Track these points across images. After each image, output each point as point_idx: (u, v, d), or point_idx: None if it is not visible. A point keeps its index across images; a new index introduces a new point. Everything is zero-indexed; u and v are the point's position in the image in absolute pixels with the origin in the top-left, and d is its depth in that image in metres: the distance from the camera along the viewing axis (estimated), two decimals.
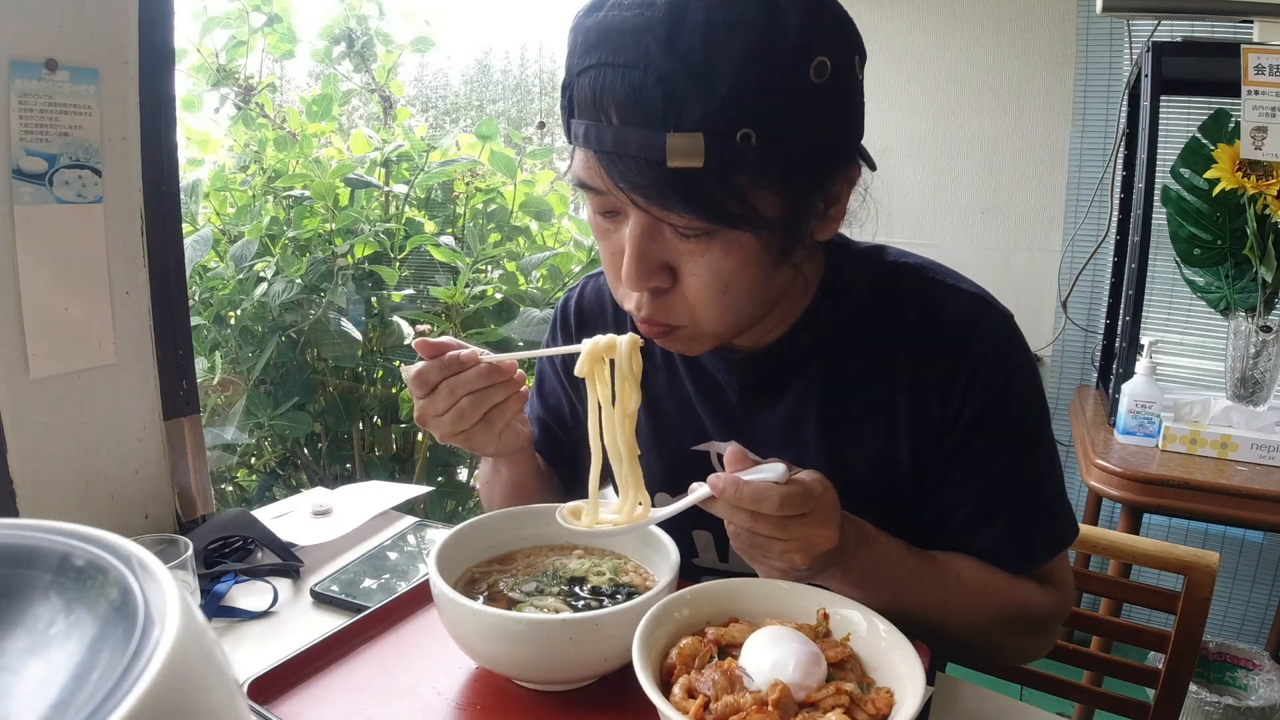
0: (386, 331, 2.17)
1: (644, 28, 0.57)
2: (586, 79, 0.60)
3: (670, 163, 0.57)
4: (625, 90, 0.58)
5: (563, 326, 0.95)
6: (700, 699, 0.55)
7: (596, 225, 0.69)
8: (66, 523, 0.32)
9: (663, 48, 0.56)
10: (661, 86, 0.56)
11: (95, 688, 0.25)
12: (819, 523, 0.63)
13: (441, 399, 0.72)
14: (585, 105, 0.61)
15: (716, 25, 0.56)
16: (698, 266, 0.65)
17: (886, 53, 2.27)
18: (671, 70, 0.56)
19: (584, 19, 0.61)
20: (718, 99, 0.56)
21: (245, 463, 2.31)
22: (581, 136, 0.62)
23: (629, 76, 0.57)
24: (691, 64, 0.56)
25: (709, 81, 0.56)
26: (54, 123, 0.89)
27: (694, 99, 0.56)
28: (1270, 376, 1.59)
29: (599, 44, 0.59)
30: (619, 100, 0.58)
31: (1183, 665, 1.01)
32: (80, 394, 0.96)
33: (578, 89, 0.61)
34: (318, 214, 2.15)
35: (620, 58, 0.58)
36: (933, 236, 2.28)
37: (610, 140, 0.59)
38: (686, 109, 0.56)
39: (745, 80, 0.56)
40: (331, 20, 2.30)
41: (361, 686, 0.68)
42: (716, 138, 0.57)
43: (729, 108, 0.56)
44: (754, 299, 0.68)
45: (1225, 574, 2.09)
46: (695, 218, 0.61)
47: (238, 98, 2.22)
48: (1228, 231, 1.67)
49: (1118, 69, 2.07)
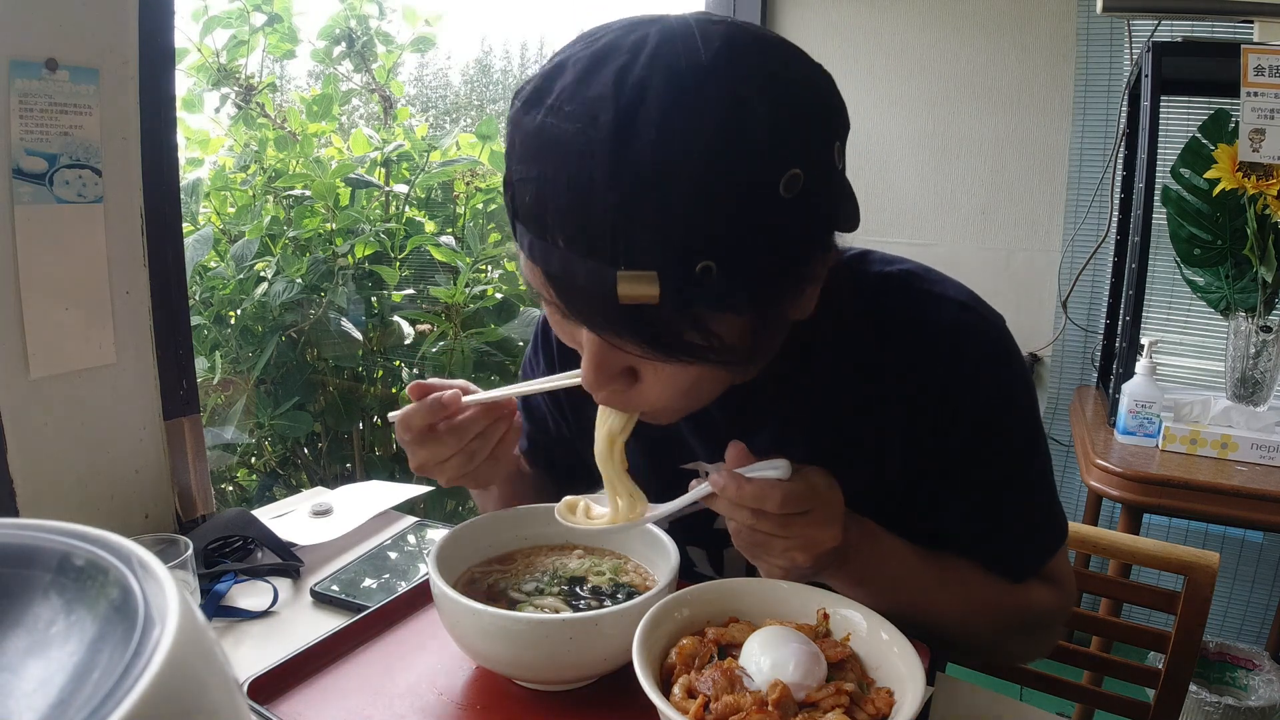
0: (387, 331, 2.17)
1: (588, 150, 0.49)
2: (529, 190, 0.53)
3: (621, 298, 0.50)
4: (570, 216, 0.51)
5: (544, 343, 0.92)
6: (700, 699, 0.55)
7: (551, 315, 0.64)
8: (66, 522, 0.32)
9: (609, 175, 0.48)
10: (609, 219, 0.49)
11: (95, 687, 0.25)
12: (822, 521, 0.61)
13: (448, 446, 0.71)
14: (527, 218, 0.54)
15: (669, 148, 0.48)
16: (659, 374, 0.60)
17: (886, 53, 2.27)
18: (619, 202, 0.49)
19: (521, 116, 0.53)
20: (672, 233, 0.49)
21: (245, 462, 2.31)
22: (527, 249, 0.55)
23: (574, 201, 0.50)
24: (641, 195, 0.48)
25: (662, 213, 0.49)
26: (54, 122, 0.89)
27: (645, 233, 0.49)
28: (1270, 377, 1.59)
29: (539, 156, 0.52)
30: (563, 227, 0.51)
31: (1183, 665, 1.01)
32: (80, 394, 0.96)
33: (519, 196, 0.54)
34: (318, 214, 2.15)
35: (562, 177, 0.50)
36: (933, 236, 2.28)
37: (557, 265, 0.53)
38: (637, 244, 0.49)
39: (703, 210, 0.49)
40: (332, 20, 2.30)
41: (361, 686, 0.68)
42: (671, 273, 0.50)
43: (685, 240, 0.49)
44: (719, 389, 0.66)
45: (1225, 574, 2.09)
46: (651, 353, 0.55)
47: (238, 97, 2.22)
48: (1228, 231, 1.67)
49: (1118, 69, 2.07)
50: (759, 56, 0.52)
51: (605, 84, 0.50)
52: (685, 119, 0.49)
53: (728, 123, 0.49)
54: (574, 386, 0.89)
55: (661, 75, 0.49)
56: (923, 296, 0.73)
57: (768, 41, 0.54)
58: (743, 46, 0.52)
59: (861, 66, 2.29)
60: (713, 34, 0.51)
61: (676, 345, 0.54)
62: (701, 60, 0.50)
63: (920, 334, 0.72)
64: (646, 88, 0.49)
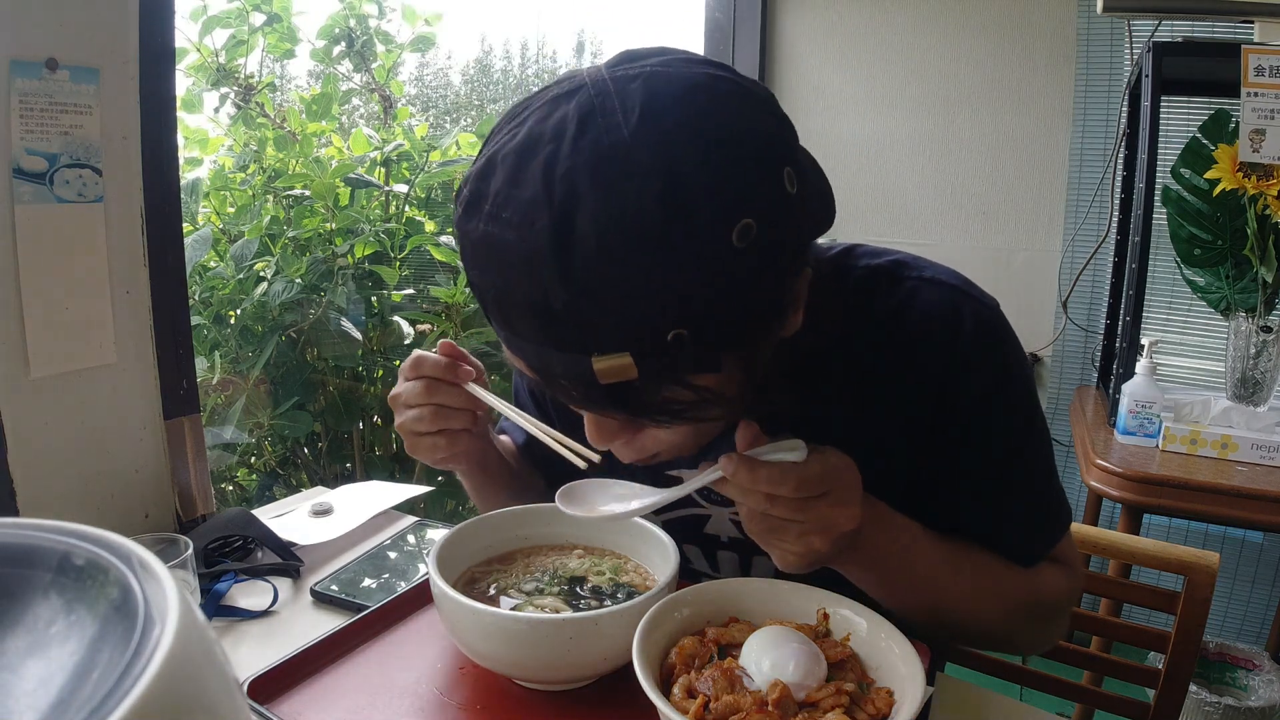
0: (387, 331, 2.17)
1: (532, 255, 0.49)
2: (489, 296, 0.53)
3: (601, 381, 0.51)
4: (533, 321, 0.51)
5: None
6: (700, 699, 0.55)
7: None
8: (66, 522, 0.32)
9: (559, 277, 0.48)
10: (569, 316, 0.49)
11: (95, 687, 0.25)
12: (839, 502, 0.59)
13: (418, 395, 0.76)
14: (497, 320, 0.55)
15: (609, 236, 0.48)
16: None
17: (886, 53, 2.27)
18: (574, 299, 0.49)
19: (465, 224, 0.53)
20: (634, 315, 0.49)
21: (245, 462, 2.31)
22: (505, 345, 0.56)
23: (532, 307, 0.50)
24: (594, 288, 0.48)
25: (619, 299, 0.49)
26: (54, 122, 0.89)
27: (608, 321, 0.49)
28: (1270, 377, 1.59)
29: (489, 265, 0.52)
30: (529, 329, 0.52)
31: (1183, 665, 1.01)
32: (80, 393, 0.96)
33: (482, 298, 0.55)
34: (318, 214, 2.15)
35: (515, 286, 0.50)
36: (933, 236, 2.28)
37: (534, 359, 0.53)
38: (603, 333, 0.50)
39: (659, 285, 0.49)
40: (331, 20, 2.30)
41: (361, 686, 0.68)
42: (644, 351, 0.50)
43: (649, 319, 0.49)
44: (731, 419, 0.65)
45: (1225, 574, 2.09)
46: (645, 422, 0.57)
47: (237, 97, 2.22)
48: (1228, 232, 1.67)
49: (1118, 69, 2.07)
50: (681, 112, 0.50)
51: (535, 183, 0.49)
52: (620, 205, 0.48)
53: (664, 198, 0.48)
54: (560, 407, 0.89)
55: (587, 165, 0.48)
56: (914, 283, 0.73)
57: (689, 87, 0.51)
58: (661, 108, 0.50)
59: (861, 67, 2.29)
60: (631, 98, 0.50)
61: (667, 410, 0.55)
62: (624, 137, 0.48)
63: (913, 320, 0.72)
64: (575, 181, 0.48)
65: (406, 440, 0.79)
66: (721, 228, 0.49)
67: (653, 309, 0.49)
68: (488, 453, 0.87)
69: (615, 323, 0.50)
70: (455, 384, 0.76)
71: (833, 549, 0.61)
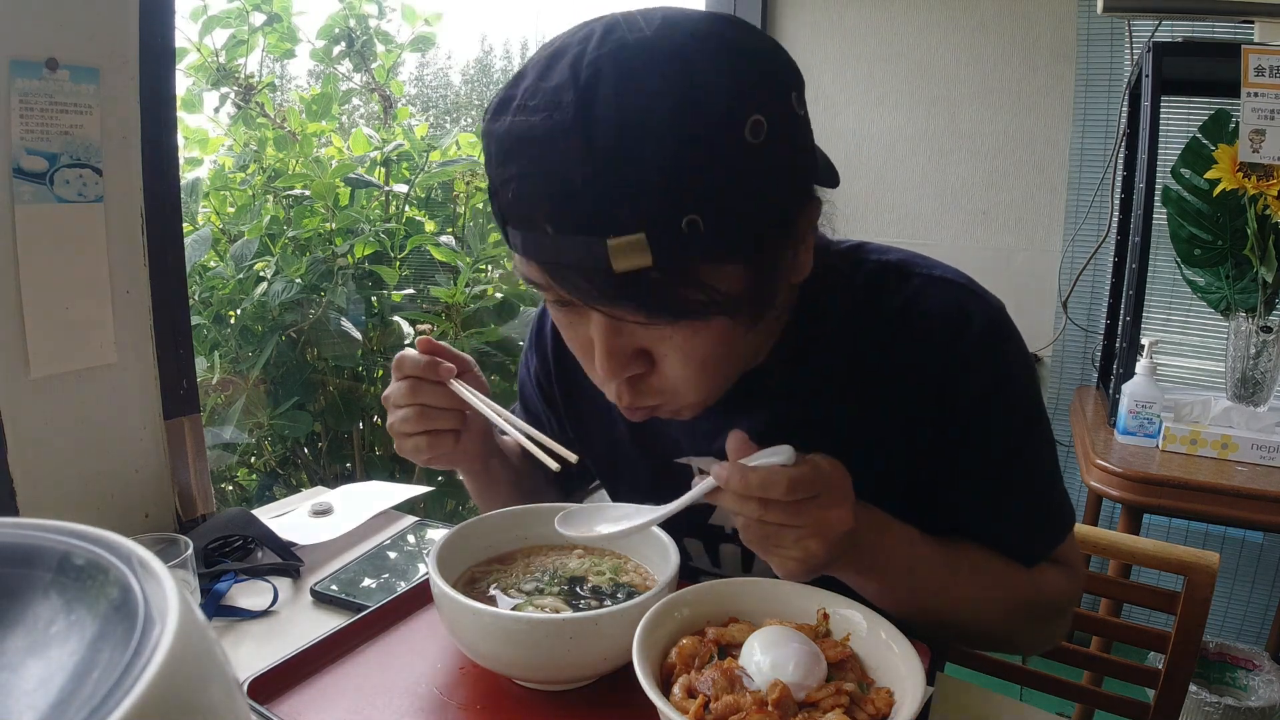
0: (386, 331, 2.17)
1: (555, 133, 0.52)
2: (510, 190, 0.56)
3: (616, 268, 0.52)
4: (552, 201, 0.53)
5: (537, 340, 0.93)
6: (700, 699, 0.55)
7: (558, 319, 0.66)
8: (67, 522, 0.32)
9: (580, 152, 0.51)
10: (589, 192, 0.51)
11: (95, 687, 0.25)
12: (832, 503, 0.60)
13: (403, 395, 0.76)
14: (515, 217, 0.57)
15: (631, 113, 0.51)
16: (670, 348, 0.62)
17: (886, 52, 2.27)
18: (595, 174, 0.51)
19: (492, 125, 0.57)
20: (651, 193, 0.51)
21: (245, 462, 2.31)
22: (520, 246, 0.58)
23: (552, 186, 0.53)
24: (615, 163, 0.51)
25: (638, 177, 0.51)
26: (54, 122, 0.89)
27: (626, 199, 0.51)
28: (1270, 377, 1.59)
29: (513, 154, 0.55)
30: (548, 212, 0.54)
31: (1183, 665, 1.01)
32: (81, 393, 0.96)
33: (503, 200, 0.57)
34: (318, 213, 2.15)
35: (539, 169, 0.53)
36: (933, 236, 2.28)
37: (549, 251, 0.55)
38: (621, 211, 0.52)
39: (676, 165, 0.51)
40: (331, 19, 2.30)
41: (361, 686, 0.68)
42: (659, 233, 0.52)
43: (666, 199, 0.51)
44: (735, 362, 0.67)
45: (1225, 574, 2.09)
46: (655, 317, 0.57)
47: (237, 97, 2.22)
48: (1228, 232, 1.67)
49: (1118, 69, 2.07)
50: (700, 24, 0.55)
51: (562, 74, 0.53)
52: (640, 85, 0.51)
53: (680, 82, 0.52)
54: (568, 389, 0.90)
55: (611, 55, 0.52)
56: (921, 280, 0.74)
57: (707, 14, 0.57)
58: (683, 18, 0.55)
59: (861, 66, 2.29)
60: (654, 14, 0.56)
61: (678, 305, 0.56)
62: (646, 35, 0.53)
63: (919, 317, 0.72)
64: (600, 68, 0.52)
65: (395, 441, 0.80)
66: (733, 119, 0.52)
67: (668, 190, 0.51)
68: (488, 454, 0.86)
69: (632, 201, 0.51)
70: (440, 383, 0.76)
71: (829, 553, 0.62)
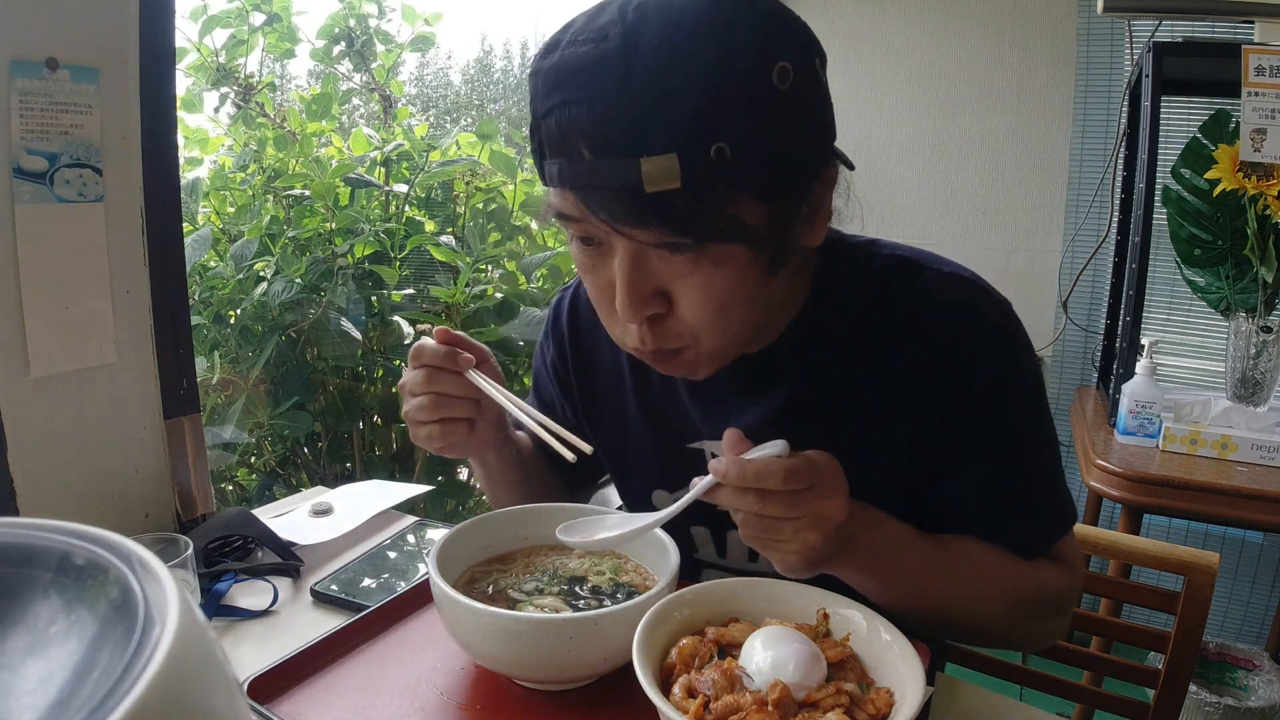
0: (387, 331, 2.17)
1: (601, 61, 0.57)
2: (553, 119, 0.60)
3: (648, 188, 0.56)
4: (592, 124, 0.57)
5: (554, 326, 0.95)
6: (700, 699, 0.55)
7: (581, 261, 0.68)
8: (67, 522, 0.32)
9: (622, 77, 0.56)
10: (628, 115, 0.56)
11: (95, 686, 0.25)
12: (827, 493, 0.62)
13: (419, 383, 0.77)
14: (555, 145, 0.60)
15: (673, 46, 0.56)
16: (690, 286, 0.64)
17: (887, 53, 2.27)
18: (635, 97, 0.56)
19: (541, 63, 0.61)
20: (686, 118, 0.56)
21: (245, 462, 2.31)
22: (556, 176, 0.61)
23: (594, 110, 0.57)
24: (654, 88, 0.56)
25: (674, 102, 0.56)
26: (55, 122, 0.89)
27: (662, 121, 0.56)
28: (1270, 377, 1.59)
29: (560, 84, 0.59)
30: (588, 134, 0.58)
31: (1183, 665, 1.01)
32: (81, 393, 0.96)
33: (545, 131, 0.61)
34: (318, 213, 2.15)
35: (583, 93, 0.57)
36: (933, 236, 2.28)
37: (584, 175, 0.59)
38: (656, 132, 0.56)
39: (710, 96, 0.56)
40: (331, 19, 2.30)
41: (361, 686, 0.68)
42: (690, 156, 0.56)
43: (698, 125, 0.56)
44: (751, 311, 0.68)
45: (1225, 574, 2.09)
46: (680, 238, 0.60)
47: (237, 97, 2.22)
48: (1228, 232, 1.67)
49: (1118, 69, 2.07)
50: None
51: (610, 14, 0.58)
52: (680, 25, 0.57)
53: (717, 26, 0.57)
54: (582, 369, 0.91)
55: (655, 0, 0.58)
56: (932, 274, 0.77)
57: None
58: None
59: (862, 67, 2.29)
60: None
61: (703, 228, 0.59)
62: None
63: (929, 310, 0.75)
64: (645, 11, 0.57)
65: (410, 428, 0.81)
66: (764, 62, 0.58)
67: (699, 118, 0.56)
68: (501, 445, 0.87)
69: (666, 125, 0.56)
70: (457, 372, 0.77)
71: (828, 545, 0.63)
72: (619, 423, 0.90)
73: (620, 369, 0.89)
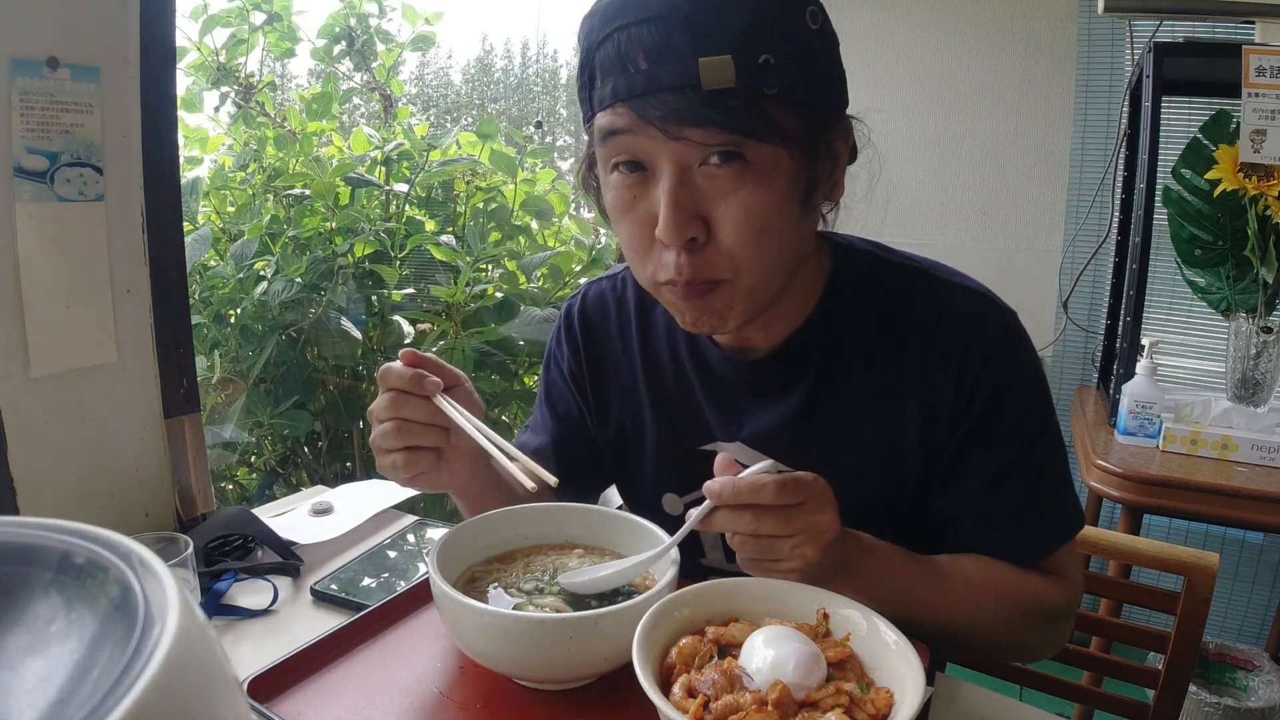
0: (387, 330, 2.17)
1: None
2: (610, 44, 0.64)
3: (705, 86, 0.61)
4: (653, 38, 0.63)
5: (567, 332, 0.95)
6: (700, 698, 0.55)
7: (621, 199, 0.69)
8: (67, 521, 0.32)
9: None
10: (688, 25, 0.62)
11: (95, 686, 0.25)
12: (818, 508, 0.64)
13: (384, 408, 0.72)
14: (610, 66, 0.65)
15: None
16: (731, 207, 0.66)
17: (887, 53, 2.27)
18: (694, 12, 0.62)
19: (597, 4, 0.67)
20: (741, 27, 0.62)
21: (245, 461, 2.31)
22: (610, 94, 0.65)
23: (655, 27, 0.62)
24: (710, 4, 0.62)
25: (729, 16, 0.62)
26: (55, 121, 0.89)
27: (719, 30, 0.62)
28: (1271, 378, 1.59)
29: (619, 13, 0.64)
30: (648, 48, 0.63)
31: (1183, 666, 1.01)
32: (81, 392, 0.96)
33: (600, 57, 0.65)
34: (318, 213, 2.15)
35: (643, 14, 0.63)
36: (933, 236, 2.28)
37: (642, 83, 0.63)
38: (713, 38, 0.62)
39: (759, 15, 0.63)
40: (331, 18, 2.30)
41: (361, 685, 0.68)
42: (742, 60, 0.62)
43: (750, 35, 0.62)
44: (788, 242, 0.70)
45: (1225, 574, 2.09)
46: (733, 135, 0.64)
47: (238, 96, 2.22)
48: (1229, 232, 1.67)
49: (1119, 69, 2.07)
50: None
51: None
52: None
53: None
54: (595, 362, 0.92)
55: None
56: (941, 284, 0.79)
57: None
58: None
59: (862, 67, 2.29)
60: None
61: (753, 126, 0.64)
62: None
63: (940, 314, 0.77)
64: None
65: (375, 457, 0.75)
66: (799, 2, 0.66)
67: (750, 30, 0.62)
68: (475, 478, 0.81)
69: (724, 29, 0.62)
70: (424, 396, 0.71)
71: (824, 560, 0.64)
72: (631, 424, 0.91)
73: (634, 370, 0.89)
